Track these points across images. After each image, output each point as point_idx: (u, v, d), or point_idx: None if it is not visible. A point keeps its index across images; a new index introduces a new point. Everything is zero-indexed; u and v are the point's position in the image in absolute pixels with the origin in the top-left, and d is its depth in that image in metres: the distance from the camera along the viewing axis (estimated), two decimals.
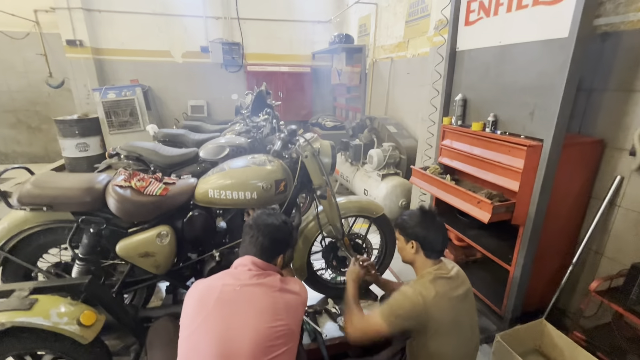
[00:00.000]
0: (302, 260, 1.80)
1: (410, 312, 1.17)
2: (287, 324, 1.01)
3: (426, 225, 1.30)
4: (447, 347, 1.21)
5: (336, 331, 1.74)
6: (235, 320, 0.96)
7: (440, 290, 1.22)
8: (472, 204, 1.89)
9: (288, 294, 1.06)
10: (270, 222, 1.11)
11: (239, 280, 1.02)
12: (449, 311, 1.21)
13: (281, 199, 1.61)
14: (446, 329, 1.20)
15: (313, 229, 1.79)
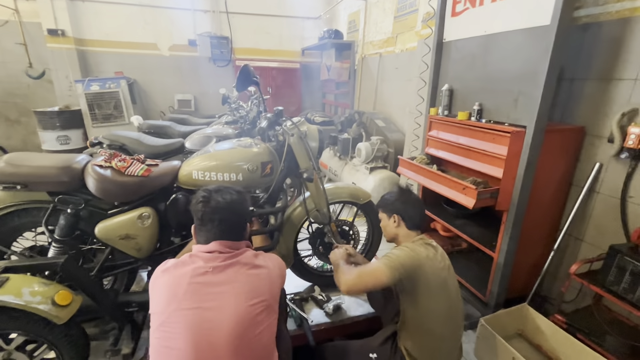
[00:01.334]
0: (289, 247, 1.78)
1: (410, 264, 1.20)
2: (265, 299, 1.00)
3: (405, 200, 1.38)
4: (437, 305, 1.24)
5: (322, 317, 1.73)
6: (210, 304, 0.94)
7: (429, 254, 1.26)
8: (457, 190, 1.92)
9: (263, 269, 1.04)
10: (227, 199, 1.05)
11: (211, 262, 0.99)
12: (438, 272, 1.25)
13: (267, 182, 1.59)
14: (436, 287, 1.23)
15: (300, 215, 1.78)
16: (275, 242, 1.60)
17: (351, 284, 1.20)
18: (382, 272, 1.18)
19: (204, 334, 0.91)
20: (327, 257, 1.88)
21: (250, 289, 0.99)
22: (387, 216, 1.40)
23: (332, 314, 1.75)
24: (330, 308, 1.75)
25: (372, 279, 1.19)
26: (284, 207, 1.65)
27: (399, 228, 1.37)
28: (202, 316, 0.93)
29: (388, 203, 1.40)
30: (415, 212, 1.37)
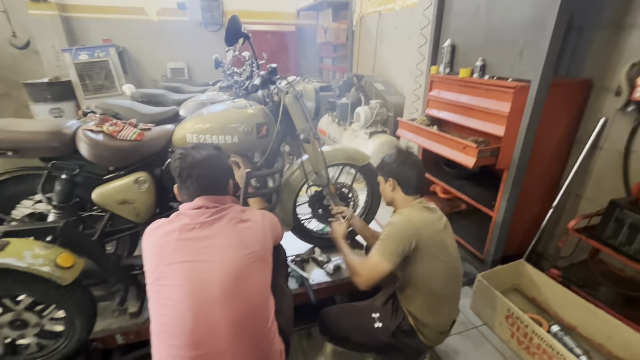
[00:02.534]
0: (288, 210, 1.79)
1: (402, 236, 1.20)
2: (256, 250, 1.00)
3: (401, 162, 1.33)
4: (436, 266, 1.25)
5: (323, 277, 1.77)
6: (201, 257, 0.94)
7: (426, 217, 1.26)
8: (458, 150, 1.90)
9: (251, 222, 1.05)
10: (204, 154, 1.05)
11: (197, 218, 0.99)
12: (436, 235, 1.25)
13: (263, 144, 1.57)
14: (434, 250, 1.24)
15: (298, 178, 1.77)
16: (274, 205, 1.60)
17: (366, 283, 1.22)
18: (382, 266, 1.19)
19: (198, 284, 0.92)
20: (326, 219, 1.90)
21: (239, 241, 0.99)
22: (384, 180, 1.37)
23: (332, 274, 1.79)
24: (331, 268, 1.79)
25: (379, 274, 1.20)
26: (281, 169, 1.63)
27: (395, 192, 1.34)
28: (195, 268, 0.93)
29: (384, 166, 1.37)
30: (412, 175, 1.32)
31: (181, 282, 0.92)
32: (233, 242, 0.98)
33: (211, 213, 1.01)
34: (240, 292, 0.95)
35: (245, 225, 1.03)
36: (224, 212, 1.02)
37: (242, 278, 0.96)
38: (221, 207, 1.03)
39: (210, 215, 1.00)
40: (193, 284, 0.92)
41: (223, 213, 1.02)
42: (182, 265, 0.93)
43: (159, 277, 0.94)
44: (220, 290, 0.93)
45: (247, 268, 0.98)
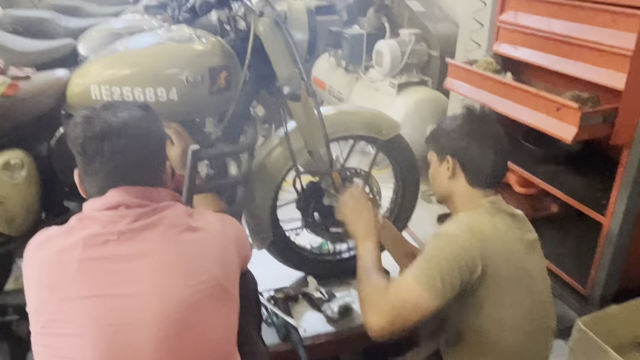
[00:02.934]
0: (262, 215, 1.79)
1: (460, 257, 1.19)
2: (211, 278, 1.02)
3: (472, 131, 1.32)
4: (512, 308, 1.26)
5: (322, 325, 1.78)
6: (120, 289, 0.95)
7: (502, 227, 1.26)
8: (547, 113, 1.90)
9: (203, 233, 1.06)
10: (125, 119, 1.04)
11: (114, 225, 0.99)
12: (517, 257, 1.26)
13: (221, 102, 1.57)
14: (512, 281, 1.24)
15: (280, 161, 1.77)
16: (239, 205, 1.60)
17: (385, 328, 1.19)
18: (420, 301, 1.18)
19: (115, 334, 0.92)
20: (327, 230, 1.90)
21: (184, 263, 1.00)
22: (438, 158, 1.38)
23: (337, 320, 1.79)
24: (335, 310, 1.79)
25: (410, 313, 1.18)
26: (250, 145, 1.62)
27: (455, 181, 1.35)
28: (109, 307, 0.94)
29: (442, 134, 1.36)
30: (488, 156, 1.31)
31: (86, 329, 0.92)
32: (173, 265, 0.99)
33: (136, 216, 1.01)
34: (184, 347, 0.96)
35: (195, 237, 1.05)
36: (158, 214, 1.03)
37: (188, 323, 0.97)
38: (153, 207, 1.04)
39: (134, 220, 1.00)
40: (106, 333, 0.92)
41: (156, 217, 1.02)
42: (87, 302, 0.93)
43: (50, 322, 0.94)
44: (151, 344, 0.93)
45: (197, 307, 0.98)
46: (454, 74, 2.35)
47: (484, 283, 1.22)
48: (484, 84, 2.18)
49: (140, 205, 1.02)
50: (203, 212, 1.15)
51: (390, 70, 3.33)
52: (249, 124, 1.70)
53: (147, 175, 1.08)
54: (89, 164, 1.03)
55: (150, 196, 1.05)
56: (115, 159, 1.02)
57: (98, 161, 1.02)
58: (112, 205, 1.01)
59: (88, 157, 1.02)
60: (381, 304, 1.21)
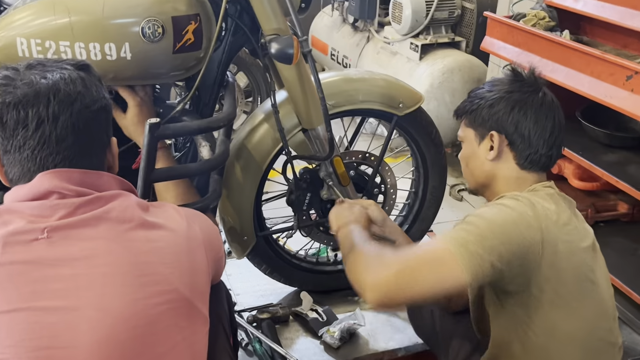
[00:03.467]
0: (244, 212, 1.81)
1: (516, 229, 1.19)
2: (173, 288, 1.02)
3: (521, 100, 1.34)
4: (573, 319, 1.27)
5: (320, 354, 1.79)
6: (51, 302, 0.95)
7: (565, 217, 1.28)
8: (615, 83, 1.90)
9: (161, 232, 1.07)
10: (56, 80, 1.05)
11: (43, 219, 0.99)
12: (578, 252, 1.28)
13: (188, 63, 1.58)
14: (572, 280, 1.26)
15: (266, 142, 1.78)
16: (213, 198, 1.60)
17: (389, 283, 1.19)
18: (452, 262, 1.17)
19: (44, 356, 0.92)
20: (325, 231, 1.91)
21: (136, 268, 1.00)
22: (477, 135, 1.39)
23: (338, 348, 1.80)
24: (336, 335, 1.80)
25: (431, 276, 1.19)
26: (227, 120, 1.62)
27: (500, 163, 1.37)
28: (37, 325, 0.93)
29: (482, 105, 1.37)
30: (545, 129, 1.34)
31: (8, 354, 0.92)
32: (122, 271, 0.99)
33: (73, 208, 1.01)
34: None
35: (151, 236, 1.05)
36: (103, 207, 1.03)
37: (139, 348, 0.97)
38: (96, 197, 1.04)
39: (70, 213, 1.01)
40: (30, 358, 0.92)
41: (100, 210, 1.03)
42: (8, 317, 0.93)
43: None
44: None
45: (152, 327, 0.99)
46: (495, 31, 2.36)
47: (540, 277, 1.23)
48: (534, 44, 2.18)
49: (79, 194, 1.02)
50: (163, 205, 1.16)
51: (411, 27, 3.32)
52: (226, 93, 1.71)
53: (87, 154, 1.08)
54: (9, 139, 1.02)
55: (91, 182, 1.05)
56: (43, 132, 1.02)
57: (21, 135, 1.02)
58: (40, 194, 1.01)
59: (8, 130, 1.02)
60: (388, 261, 1.22)
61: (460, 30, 3.48)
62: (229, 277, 2.10)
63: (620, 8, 2.03)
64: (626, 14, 2.02)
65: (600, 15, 2.09)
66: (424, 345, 1.81)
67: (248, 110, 3.61)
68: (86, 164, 1.07)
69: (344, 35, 3.89)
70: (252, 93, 3.70)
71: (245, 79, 3.67)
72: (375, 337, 1.86)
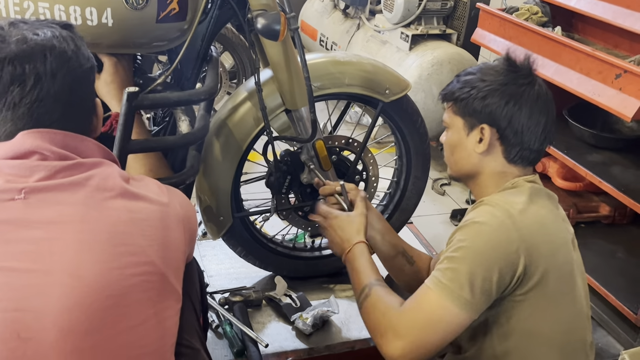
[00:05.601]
0: (222, 189, 1.80)
1: (497, 253, 1.21)
2: (149, 261, 1.02)
3: (517, 92, 1.32)
4: (551, 321, 1.28)
5: (291, 339, 1.80)
6: (22, 263, 0.95)
7: (546, 215, 1.29)
8: (604, 80, 1.92)
9: (142, 203, 1.07)
10: (47, 38, 1.05)
11: (21, 180, 0.99)
12: (561, 252, 1.29)
13: (171, 34, 1.56)
14: (557, 282, 1.27)
15: (248, 121, 1.77)
16: (190, 173, 1.58)
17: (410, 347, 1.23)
18: (450, 317, 1.22)
19: (13, 321, 0.92)
20: (303, 217, 1.92)
21: (113, 237, 1.00)
22: (466, 126, 1.37)
23: (310, 334, 1.80)
24: (308, 322, 1.80)
25: (440, 333, 1.23)
26: (208, 93, 1.60)
27: (488, 156, 1.37)
28: (6, 285, 0.93)
29: (475, 95, 1.34)
30: (539, 125, 1.33)
31: None
32: (98, 239, 0.99)
33: (53, 171, 1.01)
34: (101, 352, 0.96)
35: (131, 206, 1.06)
36: (84, 173, 1.03)
37: (110, 319, 0.97)
38: (78, 163, 1.04)
39: (49, 176, 1.00)
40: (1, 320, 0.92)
41: (81, 175, 1.03)
42: None
43: None
44: (56, 342, 0.93)
45: (125, 298, 0.99)
46: (487, 24, 2.37)
47: (524, 286, 1.24)
48: (525, 38, 2.19)
49: (60, 157, 1.02)
50: (144, 178, 1.15)
51: (402, 17, 3.32)
52: (209, 67, 1.69)
53: (77, 115, 1.08)
54: (2, 95, 1.02)
55: (74, 146, 1.05)
56: (41, 89, 1.02)
57: (17, 91, 1.02)
58: (21, 153, 1.01)
59: (2, 86, 1.02)
60: (399, 327, 1.24)
61: (452, 22, 3.49)
62: (202, 258, 2.08)
63: (614, 7, 2.05)
64: (619, 13, 2.03)
65: (594, 13, 2.10)
66: None
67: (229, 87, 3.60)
68: (72, 126, 1.07)
69: (334, 22, 3.88)
70: (237, 75, 3.67)
71: (230, 60, 3.64)
72: (349, 325, 1.86)
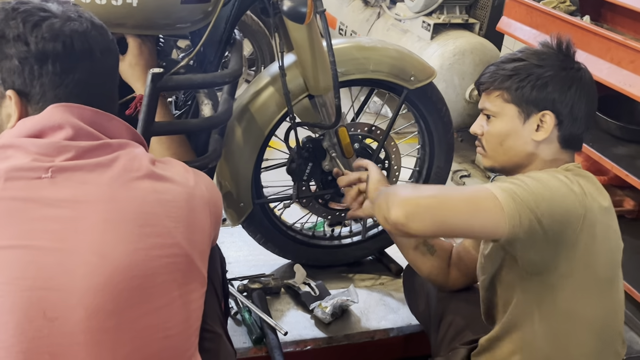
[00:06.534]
0: (243, 177, 1.80)
1: (563, 197, 1.21)
2: (175, 242, 1.03)
3: (575, 76, 1.35)
4: (594, 303, 1.30)
5: (310, 328, 1.80)
6: (47, 242, 0.96)
7: (602, 199, 1.30)
8: (635, 70, 1.89)
9: (169, 184, 1.08)
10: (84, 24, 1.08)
11: (49, 158, 1.00)
12: (613, 234, 1.33)
13: (196, 16, 1.56)
14: (606, 262, 1.30)
15: (270, 106, 1.77)
16: (213, 157, 1.59)
17: (420, 201, 1.21)
18: (494, 206, 1.18)
19: (38, 300, 0.92)
20: (324, 205, 1.92)
21: (139, 217, 1.01)
22: (521, 112, 1.37)
23: (328, 323, 1.81)
24: (327, 311, 1.80)
25: (468, 209, 1.20)
26: (232, 77, 1.60)
27: (543, 144, 1.36)
28: (33, 264, 0.94)
29: (535, 84, 1.35)
30: (594, 108, 1.39)
31: (1, 290, 0.92)
32: (124, 218, 1.00)
33: (81, 152, 1.02)
34: (126, 333, 0.97)
35: (157, 187, 1.06)
36: (110, 153, 1.04)
37: (136, 299, 0.97)
38: (104, 142, 1.05)
39: (76, 156, 1.01)
40: (25, 299, 0.92)
41: (108, 156, 1.04)
42: (3, 253, 0.94)
43: None
44: (81, 321, 0.93)
45: (152, 279, 0.99)
46: (513, 12, 2.35)
47: (572, 259, 1.24)
48: (553, 26, 2.16)
49: (88, 136, 1.03)
50: (171, 160, 1.15)
51: (424, 5, 3.31)
52: (232, 51, 1.69)
53: (104, 95, 1.11)
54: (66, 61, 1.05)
55: (101, 124, 1.06)
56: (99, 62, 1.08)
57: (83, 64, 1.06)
58: (49, 127, 1.02)
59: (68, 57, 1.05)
60: (427, 188, 1.28)
61: (475, 12, 3.46)
62: (221, 244, 2.05)
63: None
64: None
65: (623, 1, 2.08)
66: (418, 326, 1.82)
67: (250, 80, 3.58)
68: (103, 103, 1.10)
69: (354, 10, 3.87)
70: (256, 62, 3.67)
71: (249, 47, 3.64)
72: (368, 315, 1.87)
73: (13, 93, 1.06)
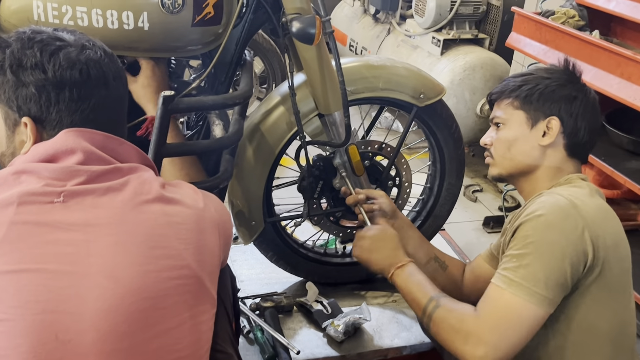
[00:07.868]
0: (254, 195, 1.80)
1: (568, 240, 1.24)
2: (185, 264, 1.04)
3: (580, 87, 1.44)
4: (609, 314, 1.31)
5: (323, 347, 1.79)
6: (60, 265, 0.96)
7: (605, 208, 1.34)
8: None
9: (179, 206, 1.09)
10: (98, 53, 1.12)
11: (61, 182, 1.01)
12: (622, 245, 1.34)
13: (206, 38, 1.58)
14: (619, 274, 1.31)
15: (281, 125, 1.78)
16: (224, 177, 1.58)
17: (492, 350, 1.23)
18: (529, 314, 1.23)
19: (51, 323, 0.92)
20: (335, 222, 1.92)
21: (149, 240, 1.02)
22: (529, 118, 1.44)
23: (341, 341, 1.79)
24: (340, 329, 1.79)
25: (522, 332, 1.24)
26: (242, 98, 1.61)
27: (549, 149, 1.43)
28: (44, 287, 0.94)
29: (542, 91, 1.43)
30: (596, 122, 1.47)
31: (14, 314, 0.92)
32: (134, 242, 1.01)
33: (92, 176, 1.03)
34: (138, 350, 0.97)
35: (167, 210, 1.07)
36: (121, 178, 1.05)
37: (147, 321, 0.98)
38: (115, 167, 1.06)
39: (88, 181, 1.02)
40: (38, 322, 0.92)
41: (118, 181, 1.05)
42: (16, 277, 0.94)
43: None
44: (95, 343, 0.94)
45: (162, 301, 1.00)
46: (522, 28, 2.35)
47: (589, 275, 1.27)
48: (562, 42, 2.17)
49: (99, 160, 1.04)
50: (180, 183, 1.17)
51: (434, 21, 3.33)
52: (243, 71, 1.70)
53: (122, 122, 1.15)
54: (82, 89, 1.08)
55: (112, 148, 1.08)
56: (113, 89, 1.12)
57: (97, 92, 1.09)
58: (62, 151, 1.03)
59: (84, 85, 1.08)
60: (480, 332, 1.24)
61: (484, 27, 3.48)
62: (233, 262, 2.09)
63: None
64: None
65: (633, 16, 2.08)
66: (430, 344, 1.80)
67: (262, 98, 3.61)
68: (114, 129, 1.13)
69: (364, 27, 3.89)
70: (267, 80, 3.70)
71: (261, 65, 3.67)
72: (381, 333, 1.85)
73: (29, 120, 1.07)
